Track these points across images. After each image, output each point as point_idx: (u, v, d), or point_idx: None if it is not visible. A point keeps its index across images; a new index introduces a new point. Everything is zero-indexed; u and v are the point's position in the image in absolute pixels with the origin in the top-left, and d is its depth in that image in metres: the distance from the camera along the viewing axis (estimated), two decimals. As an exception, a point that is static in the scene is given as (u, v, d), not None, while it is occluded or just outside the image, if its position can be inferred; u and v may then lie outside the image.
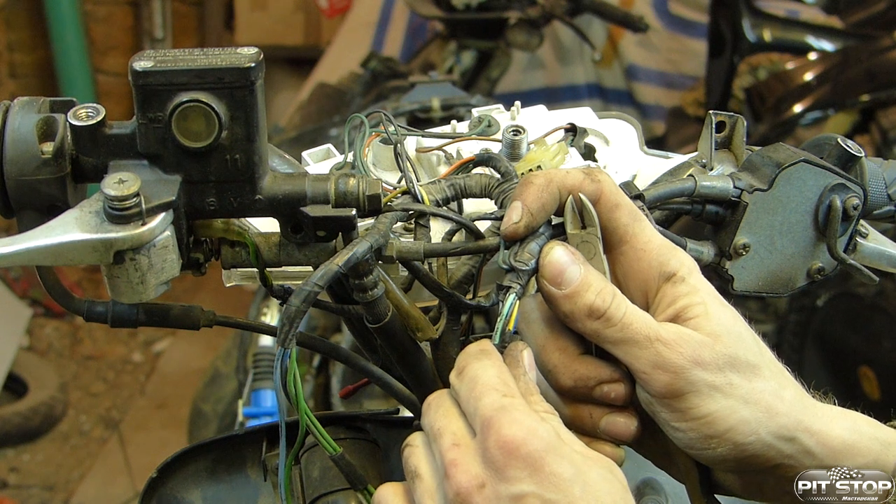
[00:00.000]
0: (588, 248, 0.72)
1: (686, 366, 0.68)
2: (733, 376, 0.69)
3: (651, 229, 0.73)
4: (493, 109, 0.99)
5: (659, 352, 0.68)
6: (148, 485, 0.90)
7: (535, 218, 0.72)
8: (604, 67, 4.42)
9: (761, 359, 0.71)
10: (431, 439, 0.70)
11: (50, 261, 0.66)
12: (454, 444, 0.67)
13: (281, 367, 0.70)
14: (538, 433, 0.64)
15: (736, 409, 0.69)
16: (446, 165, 0.91)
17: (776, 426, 0.70)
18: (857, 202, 0.83)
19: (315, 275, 0.69)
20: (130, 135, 0.69)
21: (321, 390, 2.26)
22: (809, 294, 2.84)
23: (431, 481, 0.68)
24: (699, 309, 0.70)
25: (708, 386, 0.68)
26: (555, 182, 0.72)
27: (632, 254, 0.72)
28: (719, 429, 0.69)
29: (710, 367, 0.68)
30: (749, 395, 0.69)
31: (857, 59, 3.05)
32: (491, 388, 0.68)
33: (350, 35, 4.49)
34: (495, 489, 0.64)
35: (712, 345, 0.69)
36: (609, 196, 0.72)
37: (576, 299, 0.70)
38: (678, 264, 0.71)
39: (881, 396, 2.68)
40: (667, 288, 0.71)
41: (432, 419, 0.70)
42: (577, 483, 0.64)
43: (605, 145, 0.96)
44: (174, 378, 4.07)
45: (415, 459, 0.70)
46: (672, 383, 0.68)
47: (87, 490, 3.53)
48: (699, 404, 0.69)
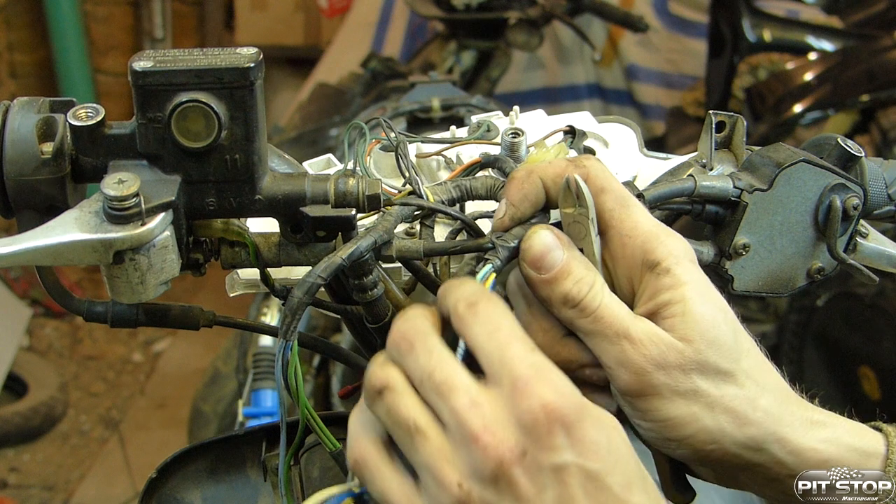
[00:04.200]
0: (579, 229, 0.70)
1: (648, 368, 0.66)
2: (700, 382, 0.67)
3: (640, 215, 0.70)
4: (492, 116, 0.99)
5: (624, 349, 0.66)
6: (148, 485, 0.90)
7: (519, 209, 0.71)
8: (604, 67, 4.42)
9: (737, 364, 0.68)
10: (430, 388, 0.61)
11: (49, 261, 0.66)
12: (473, 403, 0.59)
13: (282, 360, 0.70)
14: (573, 396, 0.60)
15: (698, 417, 0.67)
16: (446, 170, 0.92)
17: (743, 436, 0.68)
18: (857, 202, 0.83)
19: (318, 267, 0.69)
20: (130, 135, 0.69)
21: (321, 390, 2.26)
22: (809, 294, 2.84)
23: (443, 441, 0.60)
24: (678, 308, 0.67)
25: (670, 391, 0.67)
26: (536, 173, 0.71)
27: (617, 240, 0.70)
28: (679, 434, 0.68)
29: (675, 372, 0.66)
30: (716, 402, 0.68)
31: (857, 59, 3.05)
32: (517, 338, 0.62)
33: (350, 35, 4.49)
34: (536, 459, 0.58)
35: (682, 349, 0.67)
36: (594, 180, 0.70)
37: (553, 286, 0.68)
38: (665, 253, 0.68)
39: (881, 396, 2.68)
40: (650, 278, 0.68)
41: (425, 361, 0.61)
42: (612, 451, 0.60)
43: (605, 147, 0.96)
44: (174, 378, 4.07)
45: (406, 409, 0.61)
46: (634, 383, 0.67)
47: (87, 490, 3.53)
48: (659, 407, 0.67)
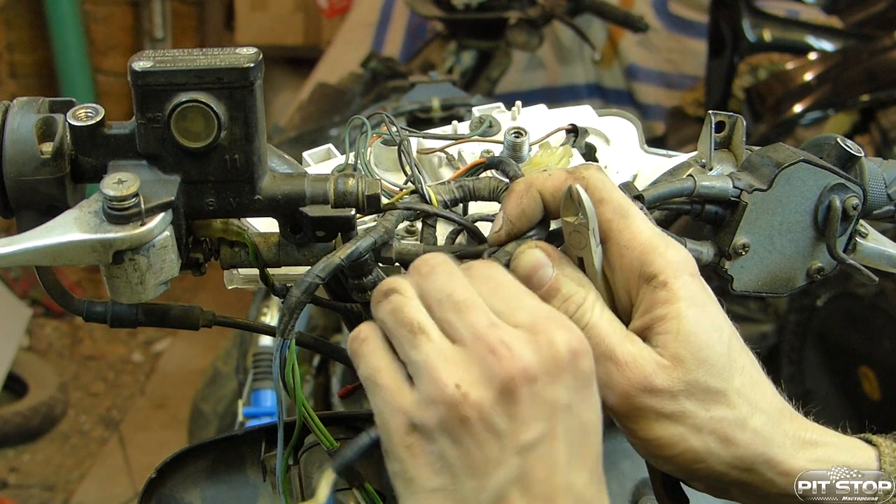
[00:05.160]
0: (578, 239, 0.70)
1: (632, 392, 0.66)
2: (688, 404, 0.67)
3: (639, 226, 0.69)
4: (494, 108, 0.99)
5: (609, 372, 0.66)
6: (147, 485, 0.90)
7: (516, 225, 0.71)
8: (604, 67, 4.42)
9: (729, 383, 0.68)
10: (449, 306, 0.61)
11: (49, 261, 0.66)
12: (493, 323, 0.60)
13: (280, 359, 0.70)
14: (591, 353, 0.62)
15: (685, 438, 0.67)
16: (448, 167, 0.91)
17: (731, 457, 0.68)
18: (856, 202, 0.83)
19: (317, 266, 0.69)
20: (129, 135, 0.69)
21: (321, 390, 2.26)
22: (809, 294, 2.84)
23: (446, 344, 0.60)
24: (672, 324, 0.67)
25: (656, 413, 0.67)
26: (534, 186, 0.71)
27: (615, 250, 0.69)
28: (665, 453, 0.68)
29: (662, 395, 0.66)
30: (704, 424, 0.67)
31: (857, 59, 3.05)
32: (528, 294, 0.64)
33: (350, 35, 4.49)
34: (544, 388, 0.59)
35: (671, 370, 0.66)
36: (593, 191, 0.69)
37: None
38: (662, 265, 0.68)
39: (881, 396, 2.68)
40: (646, 291, 0.68)
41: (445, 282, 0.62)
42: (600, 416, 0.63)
43: (606, 144, 0.96)
44: (174, 378, 4.07)
45: (412, 311, 0.62)
46: (619, 405, 0.67)
47: (87, 490, 3.53)
48: (646, 428, 0.67)
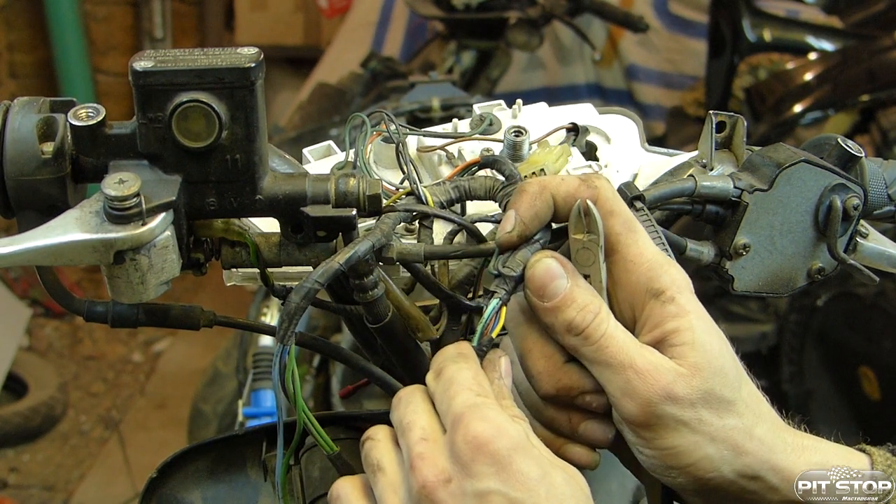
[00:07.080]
0: (587, 256, 0.71)
1: (654, 399, 0.67)
2: (704, 412, 0.68)
3: (645, 241, 0.71)
4: (495, 106, 0.99)
5: (629, 380, 0.67)
6: (148, 485, 0.90)
7: (528, 227, 0.72)
8: (604, 67, 4.42)
9: (738, 393, 0.69)
10: (400, 433, 0.69)
11: (50, 261, 0.66)
12: (423, 438, 0.67)
13: (279, 364, 0.70)
14: (508, 432, 0.64)
15: (702, 446, 0.68)
16: (447, 165, 0.91)
17: (741, 465, 0.69)
18: (857, 202, 0.83)
19: (316, 272, 0.69)
20: (130, 135, 0.69)
21: (321, 390, 2.26)
22: (809, 294, 2.84)
23: (396, 475, 0.68)
24: (686, 336, 0.68)
25: (676, 420, 0.67)
26: (548, 189, 0.72)
27: (622, 265, 0.71)
28: (681, 462, 0.69)
29: (682, 402, 0.67)
30: (718, 432, 0.68)
31: (857, 59, 3.05)
32: (466, 387, 0.68)
33: (350, 35, 4.49)
34: (461, 485, 0.63)
35: (690, 379, 0.67)
36: (604, 203, 0.71)
37: (557, 313, 0.70)
38: (668, 282, 0.69)
39: (881, 396, 2.68)
40: (654, 306, 0.69)
41: (402, 413, 0.70)
42: (543, 485, 0.63)
43: (607, 143, 0.96)
44: (174, 378, 4.07)
45: (377, 452, 0.70)
46: (639, 413, 0.68)
47: (87, 490, 3.53)
48: (664, 436, 0.68)
